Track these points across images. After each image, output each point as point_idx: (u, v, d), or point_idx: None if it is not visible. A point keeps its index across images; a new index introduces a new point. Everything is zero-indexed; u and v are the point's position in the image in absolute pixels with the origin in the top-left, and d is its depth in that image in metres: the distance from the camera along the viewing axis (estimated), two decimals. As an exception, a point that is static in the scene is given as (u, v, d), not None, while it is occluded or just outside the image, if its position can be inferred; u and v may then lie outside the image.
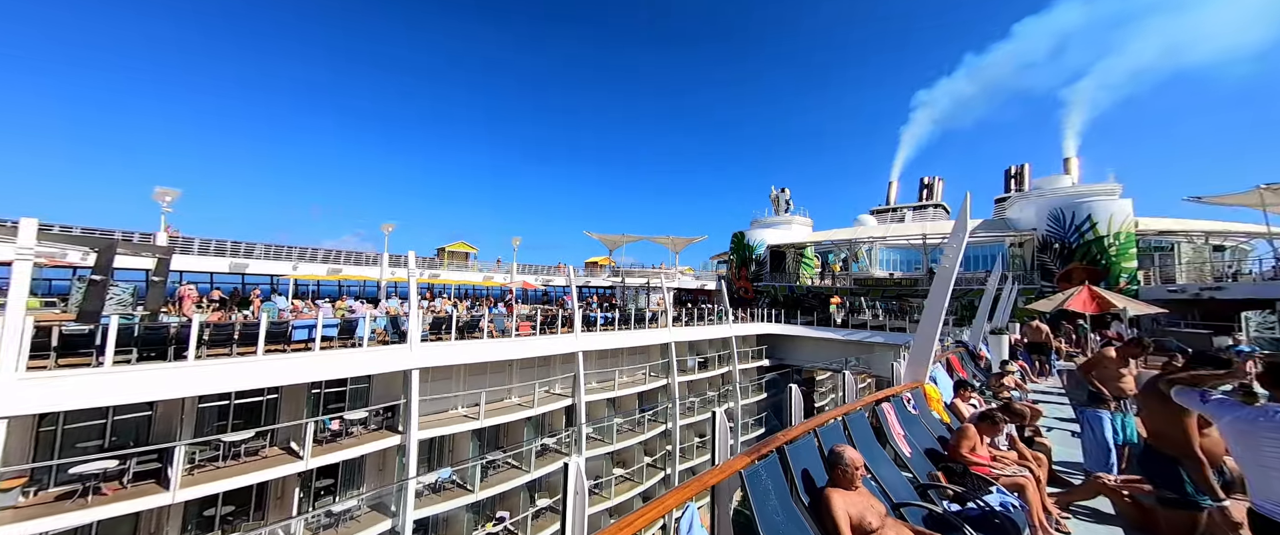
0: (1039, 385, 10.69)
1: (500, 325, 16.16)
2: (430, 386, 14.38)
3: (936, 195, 54.13)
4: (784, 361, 29.89)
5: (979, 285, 25.79)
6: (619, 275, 34.24)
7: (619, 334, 19.93)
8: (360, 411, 12.87)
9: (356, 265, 21.91)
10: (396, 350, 12.82)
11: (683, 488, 2.42)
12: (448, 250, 31.23)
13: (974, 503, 3.43)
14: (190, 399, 10.54)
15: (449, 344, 14.20)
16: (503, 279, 27.05)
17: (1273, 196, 17.10)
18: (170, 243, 14.28)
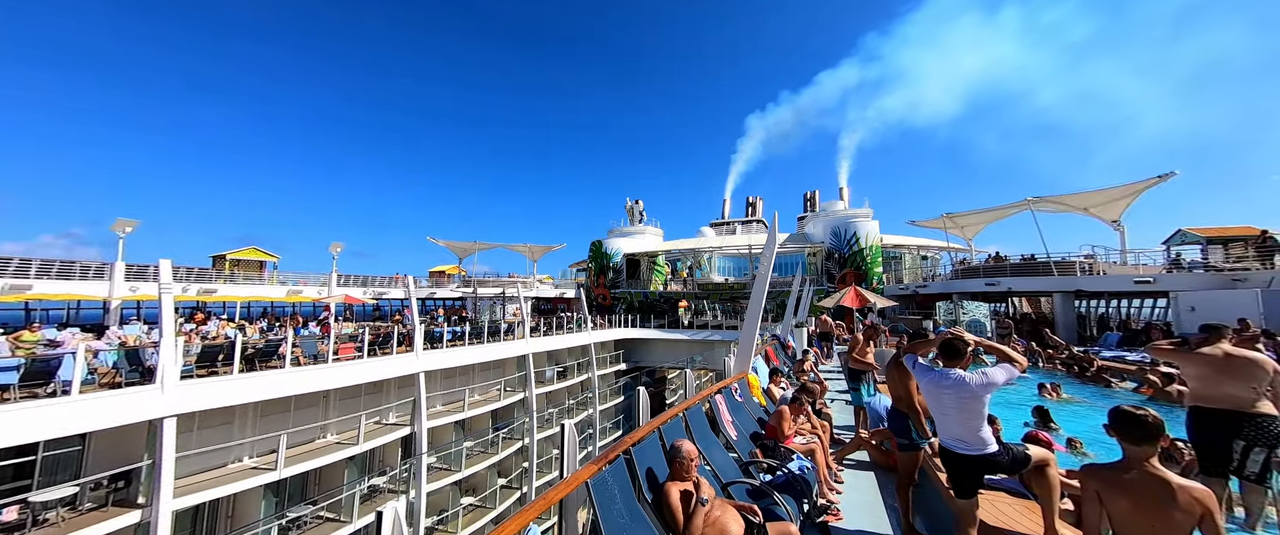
0: (825, 366, 13.55)
1: (310, 350, 13.25)
2: (197, 437, 10.95)
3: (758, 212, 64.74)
4: (640, 364, 31.61)
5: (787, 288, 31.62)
6: (470, 285, 31.59)
7: (470, 349, 18.32)
8: (64, 488, 8.98)
9: (63, 278, 15.38)
10: (135, 394, 9.34)
11: (523, 511, 2.26)
12: (231, 257, 24.11)
13: (781, 471, 4.14)
14: None
15: (228, 379, 10.98)
16: (316, 293, 22.26)
17: (949, 222, 25.29)
18: None
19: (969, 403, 3.06)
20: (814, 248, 35.44)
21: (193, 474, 10.76)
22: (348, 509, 12.78)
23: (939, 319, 18.94)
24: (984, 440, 3.07)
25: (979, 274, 21.27)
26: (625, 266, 37.94)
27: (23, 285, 14.56)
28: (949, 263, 27.88)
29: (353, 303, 20.10)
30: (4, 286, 14.28)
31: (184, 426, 10.07)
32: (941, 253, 35.64)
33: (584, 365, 26.66)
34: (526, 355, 21.37)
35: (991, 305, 20.35)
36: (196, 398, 10.22)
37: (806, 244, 36.14)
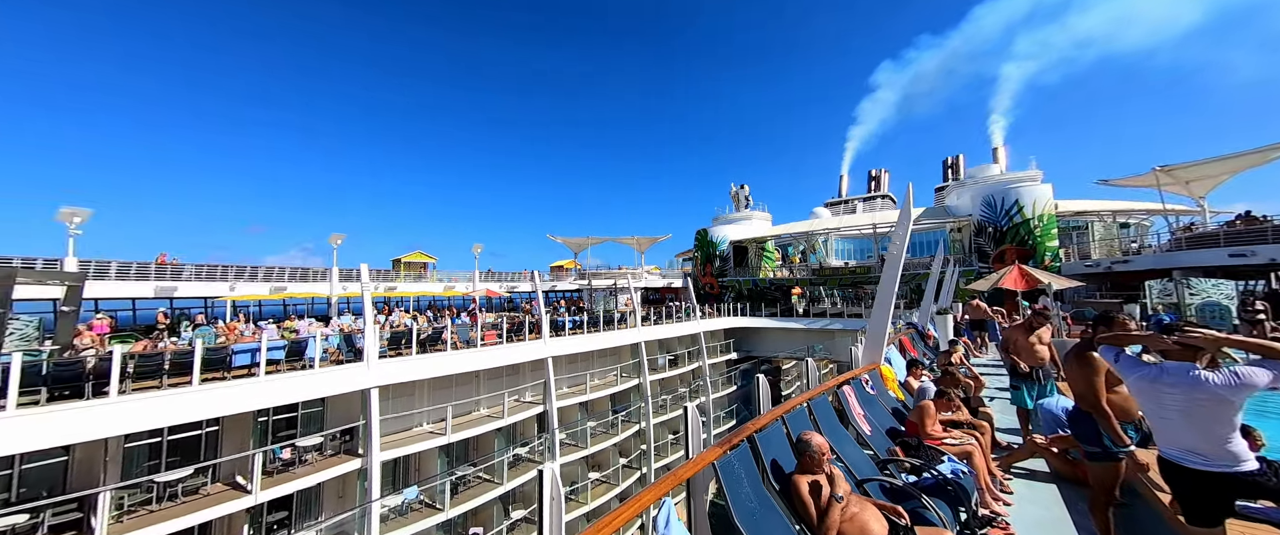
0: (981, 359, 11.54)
1: (464, 336, 15.65)
2: (391, 404, 13.73)
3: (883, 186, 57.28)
4: (751, 353, 30.70)
5: (924, 270, 27.53)
6: (585, 278, 33.99)
7: (588, 337, 19.78)
8: (314, 437, 12.10)
9: (303, 282, 20.55)
10: (352, 369, 12.13)
11: (658, 484, 2.44)
12: (404, 261, 29.84)
13: (928, 472, 3.69)
14: (114, 439, 9.52)
15: (410, 359, 13.59)
16: (465, 288, 26.18)
17: (1166, 177, 19.30)
18: (81, 268, 12.87)
19: (1209, 407, 2.37)
20: (958, 222, 30.22)
21: (391, 433, 13.56)
22: (499, 473, 14.90)
23: (1154, 302, 14.70)
24: (1235, 455, 2.35)
25: (1217, 242, 15.86)
26: (732, 254, 36.95)
27: (280, 287, 19.83)
28: (1165, 229, 21.26)
29: (492, 296, 23.22)
30: (270, 288, 19.61)
31: (383, 395, 12.73)
32: (1152, 218, 27.51)
33: (694, 354, 26.84)
34: (639, 343, 22.31)
35: (1239, 283, 15.08)
36: (390, 373, 12.86)
37: (949, 219, 30.98)
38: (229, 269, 18.00)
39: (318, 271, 20.76)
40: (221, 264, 17.73)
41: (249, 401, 10.29)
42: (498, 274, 30.21)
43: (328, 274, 20.39)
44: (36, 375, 8.02)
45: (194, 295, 16.79)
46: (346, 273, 20.05)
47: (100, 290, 14.26)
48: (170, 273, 16.31)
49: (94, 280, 13.58)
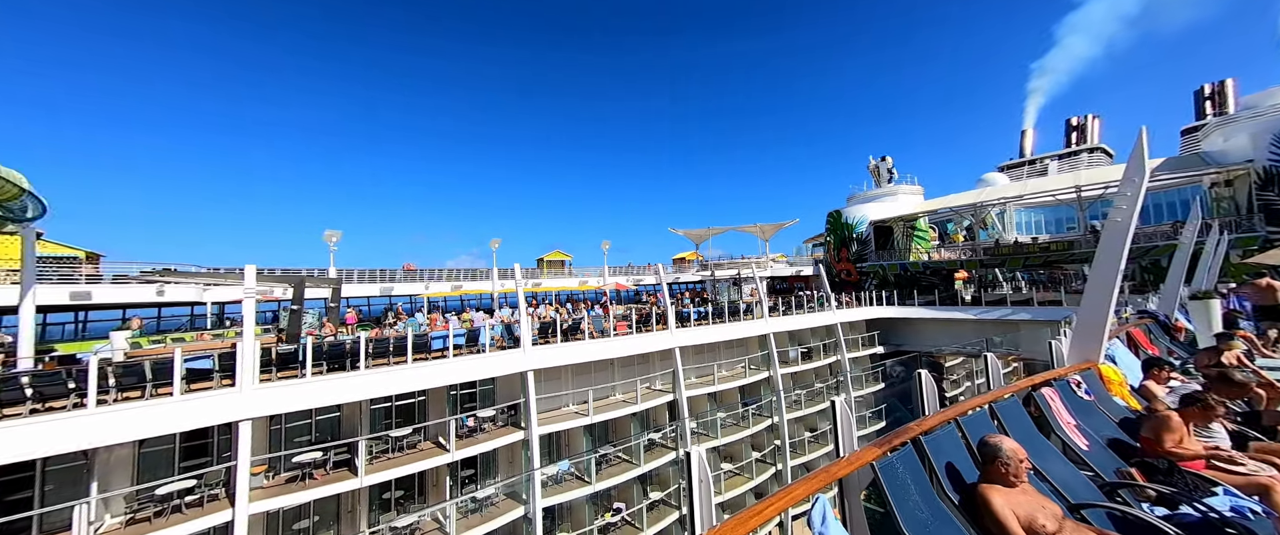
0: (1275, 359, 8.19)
1: (599, 326, 16.99)
2: (543, 386, 15.65)
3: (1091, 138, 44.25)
4: (903, 347, 26.95)
5: (1165, 240, 20.57)
6: (708, 269, 33.84)
7: (713, 328, 19.71)
8: (489, 410, 14.49)
9: (473, 281, 24.72)
10: (512, 354, 14.19)
11: (810, 478, 2.34)
12: (546, 260, 33.80)
13: (1192, 506, 2.77)
14: (364, 402, 12.83)
15: (556, 346, 15.32)
16: (597, 282, 28.40)
17: None
18: (338, 275, 17.51)
19: None
20: (1227, 172, 21.77)
21: (545, 411, 15.47)
22: (636, 455, 15.87)
23: None
24: None
25: None
26: (873, 235, 32.74)
27: (458, 285, 24.16)
28: None
29: (620, 288, 24.77)
30: (451, 287, 24.01)
31: (537, 378, 14.59)
32: None
33: (830, 347, 24.66)
34: (767, 335, 21.38)
35: None
36: (542, 358, 14.69)
37: (1208, 168, 22.53)
38: (425, 272, 22.68)
39: (483, 271, 24.75)
40: (420, 268, 22.51)
41: (443, 377, 12.83)
42: (624, 268, 32.07)
43: (489, 273, 24.11)
44: (319, 353, 11.22)
45: (403, 293, 21.59)
46: (503, 272, 23.44)
47: (348, 290, 19.32)
48: (387, 277, 21.28)
49: (346, 283, 18.53)
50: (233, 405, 9.72)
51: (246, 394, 9.88)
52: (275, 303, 17.84)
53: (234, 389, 9.80)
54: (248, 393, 9.90)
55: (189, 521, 9.19)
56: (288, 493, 10.41)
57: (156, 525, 9.03)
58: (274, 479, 10.93)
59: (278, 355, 10.82)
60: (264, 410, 10.11)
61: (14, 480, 8.92)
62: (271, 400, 10.19)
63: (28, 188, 9.97)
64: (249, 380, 9.93)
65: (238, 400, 9.77)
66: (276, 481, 10.87)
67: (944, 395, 24.11)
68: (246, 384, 9.90)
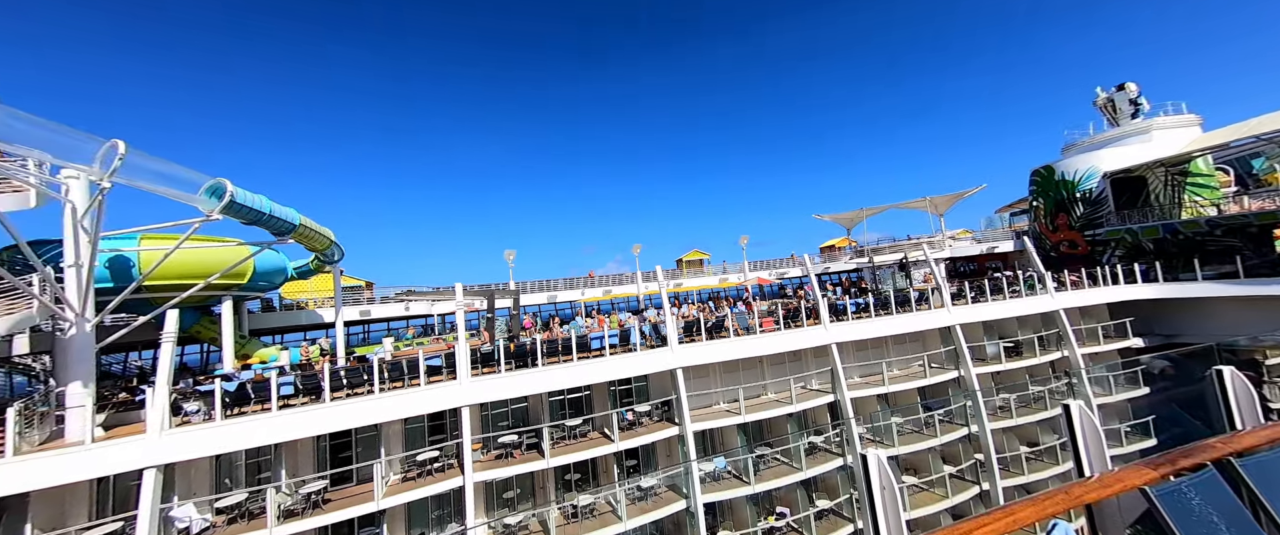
0: None
1: (743, 323, 16.59)
2: (692, 383, 15.97)
3: None
4: (1180, 338, 19.65)
5: None
6: (864, 255, 30.00)
7: (876, 322, 17.37)
8: (644, 405, 15.43)
9: (620, 285, 26.75)
10: (661, 353, 14.86)
11: (1041, 499, 1.91)
12: (685, 260, 34.60)
13: None
14: (543, 394, 14.99)
15: (701, 344, 15.50)
16: (737, 278, 27.82)
17: None
18: (517, 287, 20.89)
19: None
20: None
21: (696, 409, 15.75)
22: (796, 458, 14.96)
23: None
24: None
25: None
26: (1110, 192, 24.50)
27: (609, 289, 26.43)
28: None
29: (763, 283, 23.78)
30: (601, 292, 26.39)
31: (686, 375, 14.96)
32: None
33: (1051, 340, 19.37)
34: (951, 327, 17.88)
35: None
36: (689, 356, 15.03)
37: None
38: (580, 280, 25.53)
39: (628, 276, 26.58)
40: (578, 276, 25.45)
41: (602, 374, 14.19)
42: (764, 263, 30.68)
43: (634, 277, 25.74)
44: (508, 353, 13.55)
45: (566, 299, 24.65)
46: (646, 275, 24.78)
47: (524, 299, 22.91)
48: (551, 286, 24.59)
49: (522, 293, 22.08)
50: (455, 394, 12.44)
51: (464, 385, 12.54)
52: (476, 313, 22.21)
53: (456, 381, 12.55)
54: (465, 384, 12.55)
55: (437, 483, 12.06)
56: (497, 467, 12.82)
57: (419, 484, 12.08)
58: (487, 455, 13.57)
59: (481, 354, 13.43)
60: (476, 398, 12.68)
61: (339, 443, 13.00)
62: (480, 390, 12.72)
63: (334, 239, 14.40)
64: (465, 374, 12.58)
65: (458, 390, 12.47)
66: (489, 457, 13.47)
67: (1267, 403, 16.77)
68: (464, 377, 12.56)
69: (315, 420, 11.07)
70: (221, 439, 10.21)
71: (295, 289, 20.74)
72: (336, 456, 12.87)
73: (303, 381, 11.60)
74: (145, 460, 9.38)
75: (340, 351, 15.85)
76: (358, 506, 11.12)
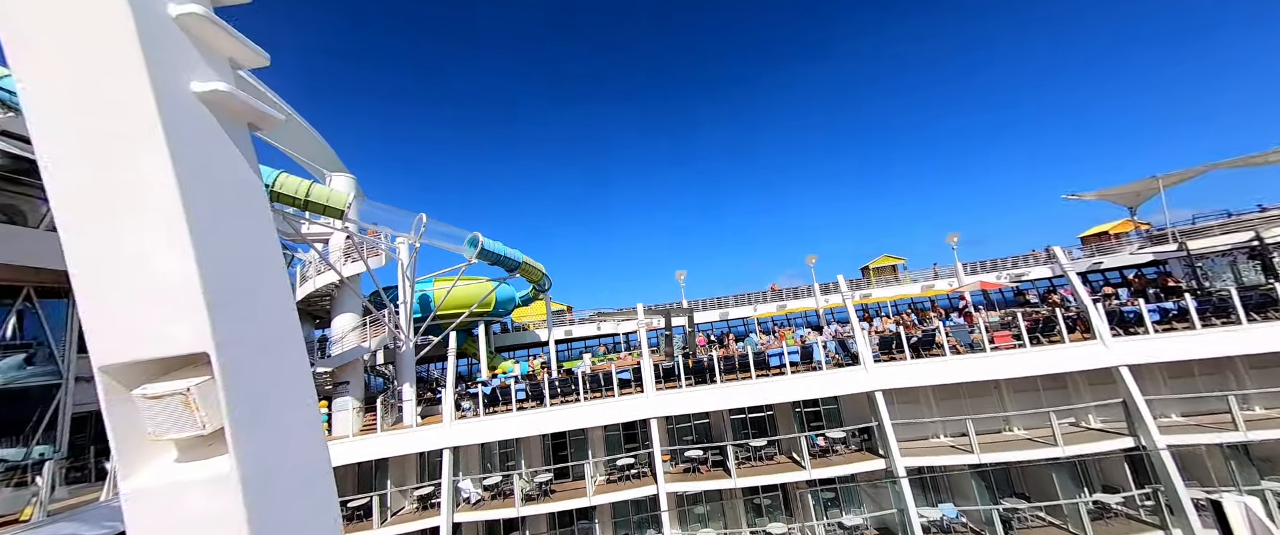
0: None
1: (964, 339, 13.42)
2: (898, 409, 13.58)
3: None
4: None
5: None
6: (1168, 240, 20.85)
7: (1206, 335, 11.76)
8: (837, 431, 13.81)
9: (794, 299, 24.99)
10: (853, 373, 13.15)
11: None
12: (873, 267, 30.16)
13: None
14: (723, 411, 14.93)
15: (905, 364, 13.12)
16: (946, 285, 22.78)
17: None
18: (690, 305, 21.70)
19: None
20: None
21: (908, 440, 13.29)
22: (1074, 520, 11.05)
23: None
24: None
25: None
26: None
27: (782, 304, 24.98)
28: None
29: (988, 288, 18.78)
30: (775, 307, 25.06)
31: (887, 399, 12.85)
32: None
33: None
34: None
35: None
36: (889, 377, 12.91)
37: None
38: (751, 296, 24.90)
39: (803, 289, 24.66)
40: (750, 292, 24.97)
41: (783, 393, 13.32)
42: (983, 264, 24.25)
43: (810, 290, 23.74)
44: (685, 369, 14.04)
45: (738, 316, 24.33)
46: (825, 287, 22.56)
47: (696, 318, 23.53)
48: (723, 303, 24.64)
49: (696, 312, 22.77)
50: (643, 406, 13.48)
51: (650, 398, 13.51)
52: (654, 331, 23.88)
53: (643, 394, 13.63)
54: (651, 397, 13.52)
55: (635, 488, 13.15)
56: (685, 480, 13.24)
57: (620, 487, 13.38)
58: (676, 467, 14.17)
59: (663, 369, 14.29)
60: (661, 411, 13.48)
61: (558, 443, 15.46)
62: (665, 404, 13.49)
63: (545, 271, 17.61)
64: (651, 388, 13.57)
65: (645, 402, 13.49)
66: (677, 469, 14.04)
67: None
68: (650, 390, 13.56)
69: (540, 421, 13.51)
70: (484, 430, 13.38)
71: (519, 314, 26.07)
72: (557, 454, 15.34)
73: (531, 389, 14.37)
74: (442, 442, 12.98)
75: (553, 365, 19.08)
76: (574, 500, 12.95)
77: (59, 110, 1.13)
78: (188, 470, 1.17)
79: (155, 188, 1.12)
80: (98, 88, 1.13)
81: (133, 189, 1.13)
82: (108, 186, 1.14)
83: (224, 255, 1.22)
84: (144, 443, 1.18)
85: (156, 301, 1.13)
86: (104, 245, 1.14)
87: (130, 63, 1.12)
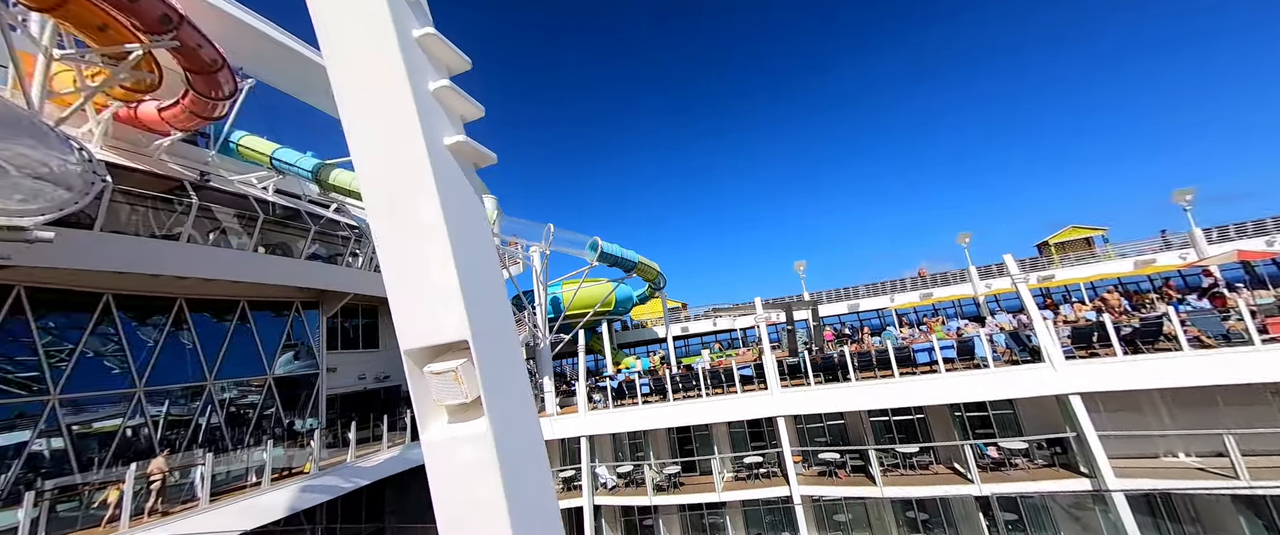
0: None
1: (1213, 328, 10.05)
2: (1109, 418, 10.78)
3: None
4: None
5: None
6: None
7: None
8: (1017, 441, 11.52)
9: (943, 286, 21.52)
10: (1033, 371, 10.82)
11: None
12: (1055, 242, 24.33)
13: None
14: (861, 412, 13.56)
15: (1113, 362, 10.32)
16: (1175, 259, 17.29)
17: None
18: (812, 297, 20.24)
19: None
20: None
21: (1126, 458, 10.47)
22: None
23: None
24: None
25: None
26: None
27: (927, 293, 21.73)
28: None
29: (1251, 258, 13.67)
30: (918, 295, 21.88)
31: (1091, 404, 10.28)
32: None
33: None
34: None
35: None
36: (1090, 378, 10.31)
37: None
38: (886, 284, 22.17)
39: (955, 274, 21.10)
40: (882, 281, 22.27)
41: (936, 394, 11.56)
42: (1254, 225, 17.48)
43: (963, 274, 20.23)
44: (815, 365, 13.09)
45: (870, 308, 21.89)
46: (985, 269, 19.00)
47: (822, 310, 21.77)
48: (852, 293, 22.39)
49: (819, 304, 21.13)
50: (767, 403, 12.96)
51: (775, 396, 12.93)
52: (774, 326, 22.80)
53: (767, 392, 13.12)
54: (776, 395, 12.94)
55: (765, 488, 12.74)
56: (821, 484, 12.37)
57: (749, 485, 13.10)
58: (809, 469, 13.34)
59: (787, 366, 13.57)
60: (788, 410, 12.81)
61: (683, 437, 15.76)
62: (791, 402, 12.79)
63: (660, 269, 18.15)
64: (775, 385, 12.99)
65: (770, 400, 12.95)
66: (811, 472, 13.20)
67: None
68: (774, 388, 12.99)
69: (664, 415, 13.93)
70: (614, 421, 14.32)
71: (637, 312, 27.24)
72: (682, 448, 15.66)
73: (654, 383, 14.92)
74: (579, 431, 14.24)
75: (672, 361, 19.52)
76: (703, 494, 13.07)
77: (375, 170, 1.67)
78: (458, 429, 1.59)
79: (429, 219, 1.57)
80: (396, 150, 1.64)
81: (416, 220, 1.61)
82: (402, 220, 1.64)
83: (472, 266, 1.66)
84: (432, 407, 1.64)
85: (434, 302, 1.58)
86: (403, 262, 1.63)
87: (412, 130, 1.60)
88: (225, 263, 11.44)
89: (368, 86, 1.64)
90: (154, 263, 9.98)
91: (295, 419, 13.30)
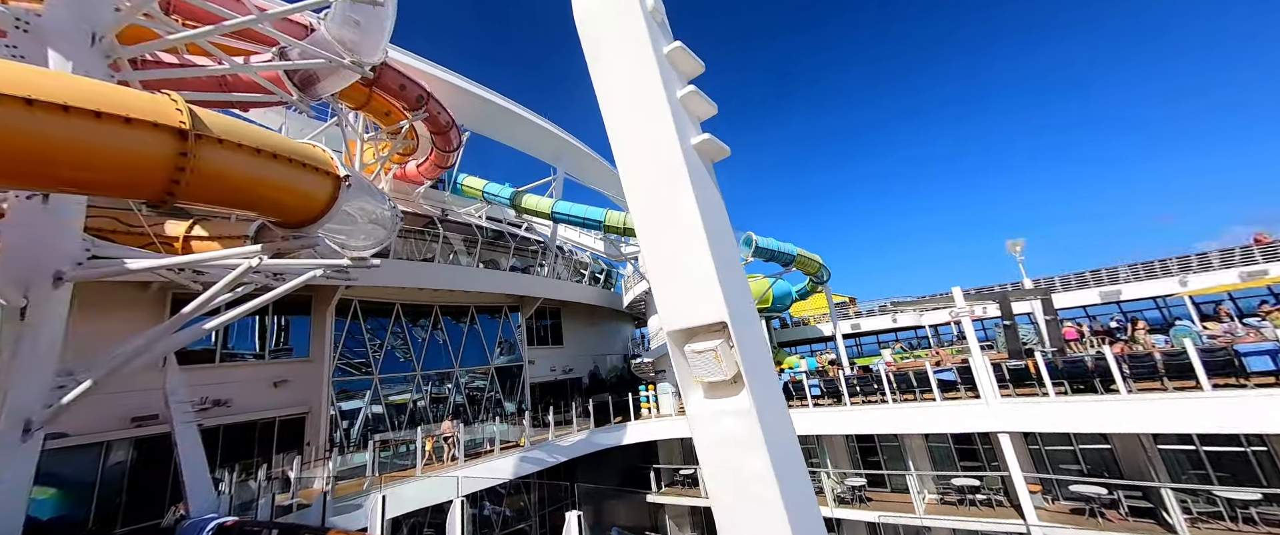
0: None
1: None
2: None
3: None
4: None
5: None
6: None
7: None
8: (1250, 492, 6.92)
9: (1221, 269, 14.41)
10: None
11: None
12: None
13: None
14: (1139, 436, 9.98)
15: None
16: None
17: None
18: (1034, 285, 15.87)
19: None
20: None
21: None
22: None
23: None
24: None
25: None
26: None
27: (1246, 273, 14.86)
28: None
29: None
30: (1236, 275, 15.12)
31: None
32: None
33: None
34: None
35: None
36: None
37: None
38: (1172, 262, 15.88)
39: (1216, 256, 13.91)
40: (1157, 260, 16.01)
41: None
42: None
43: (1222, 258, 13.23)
44: (1054, 370, 10.15)
45: (1140, 296, 15.98)
46: None
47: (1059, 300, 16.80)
48: (1107, 277, 16.70)
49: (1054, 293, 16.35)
50: (981, 416, 10.56)
51: (992, 406, 10.47)
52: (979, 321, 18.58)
53: (980, 401, 10.70)
54: (993, 406, 10.46)
55: (981, 518, 10.42)
56: (1075, 523, 9.50)
57: (962, 512, 10.91)
58: (1053, 503, 10.43)
59: (1010, 371, 10.87)
60: (1011, 425, 10.22)
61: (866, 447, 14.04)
62: (1016, 416, 10.17)
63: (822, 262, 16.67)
64: (991, 393, 10.53)
65: (985, 412, 10.53)
66: (1058, 507, 10.29)
67: None
68: (989, 397, 10.54)
69: (840, 420, 12.63)
70: (782, 423, 13.63)
71: (797, 309, 25.46)
72: (866, 460, 13.97)
73: (824, 385, 13.69)
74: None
75: (843, 361, 17.62)
76: (899, 514, 11.38)
77: (638, 173, 1.97)
78: (720, 403, 1.75)
79: (685, 211, 1.78)
80: (656, 155, 1.92)
81: (673, 214, 1.84)
82: (662, 214, 1.89)
83: (722, 253, 1.84)
84: (692, 382, 1.84)
85: (692, 286, 1.78)
86: (665, 252, 1.87)
87: (668, 133, 1.84)
88: (461, 277, 14.85)
89: (632, 103, 1.93)
90: (420, 279, 13.58)
91: (506, 401, 16.37)
